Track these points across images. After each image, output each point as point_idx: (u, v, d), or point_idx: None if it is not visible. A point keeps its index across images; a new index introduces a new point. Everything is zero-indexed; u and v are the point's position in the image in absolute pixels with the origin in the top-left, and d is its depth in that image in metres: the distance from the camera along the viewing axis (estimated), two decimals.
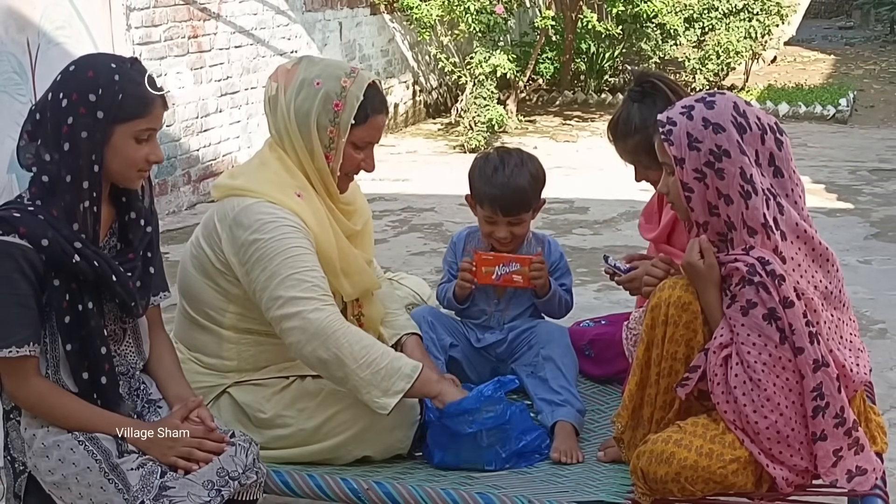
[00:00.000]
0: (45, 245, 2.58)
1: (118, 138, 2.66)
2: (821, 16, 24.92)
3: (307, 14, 9.75)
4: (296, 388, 3.26)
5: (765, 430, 2.78)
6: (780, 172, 2.84)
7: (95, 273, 2.66)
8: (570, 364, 3.59)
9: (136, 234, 2.82)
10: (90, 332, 2.69)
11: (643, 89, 3.47)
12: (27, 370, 2.65)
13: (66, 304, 2.65)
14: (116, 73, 2.65)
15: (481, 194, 3.62)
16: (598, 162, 9.59)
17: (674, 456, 2.79)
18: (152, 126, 2.71)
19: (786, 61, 17.08)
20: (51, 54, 6.42)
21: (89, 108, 2.62)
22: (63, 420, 2.69)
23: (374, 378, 3.05)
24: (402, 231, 7.46)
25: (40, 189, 2.65)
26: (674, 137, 2.83)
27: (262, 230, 3.08)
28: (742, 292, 2.78)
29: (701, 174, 2.80)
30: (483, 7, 10.13)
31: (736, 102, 2.85)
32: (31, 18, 6.27)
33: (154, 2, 7.38)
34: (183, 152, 7.84)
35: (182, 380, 2.94)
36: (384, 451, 3.23)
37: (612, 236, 7.23)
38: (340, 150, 3.19)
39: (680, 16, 12.15)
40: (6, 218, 2.60)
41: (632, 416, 3.02)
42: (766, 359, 2.76)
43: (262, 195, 3.14)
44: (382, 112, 3.27)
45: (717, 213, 2.83)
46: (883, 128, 11.65)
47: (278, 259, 3.06)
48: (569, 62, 12.97)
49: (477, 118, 10.28)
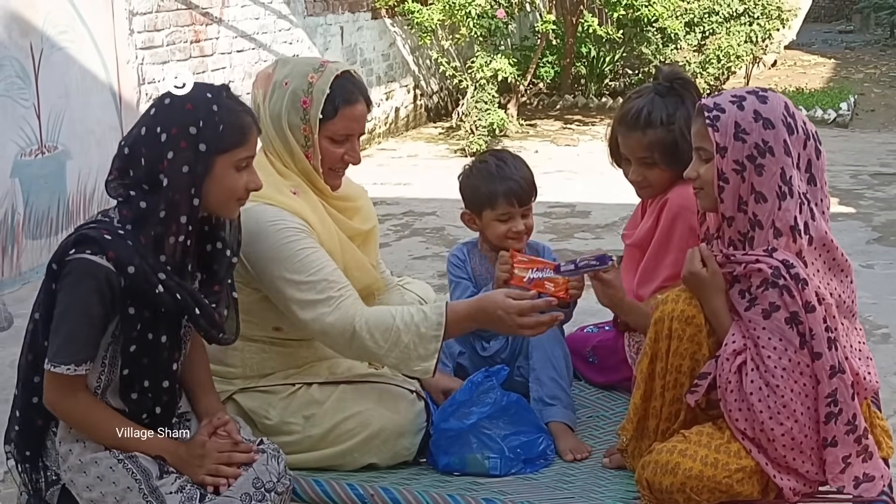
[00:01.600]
0: (131, 272, 2.56)
1: (219, 169, 2.65)
2: (821, 20, 24.93)
3: (309, 18, 9.76)
4: (302, 396, 3.25)
5: (780, 437, 2.77)
6: (814, 180, 2.83)
7: (178, 306, 2.64)
8: (560, 355, 3.55)
9: (221, 265, 2.80)
10: (156, 362, 2.68)
11: (672, 86, 3.38)
12: (76, 386, 2.63)
13: (137, 333, 2.63)
14: (214, 104, 2.64)
15: (493, 193, 3.59)
16: (598, 166, 9.57)
17: (679, 466, 2.78)
18: (251, 154, 2.72)
19: (786, 65, 17.09)
20: (54, 59, 6.43)
21: (190, 142, 2.60)
22: (97, 433, 2.68)
23: (404, 355, 3.06)
24: (403, 235, 7.46)
25: (133, 213, 2.62)
26: (720, 124, 2.78)
27: (264, 234, 3.08)
28: (764, 295, 2.75)
29: (741, 166, 2.77)
30: (484, 11, 10.14)
31: (786, 102, 2.82)
32: (34, 23, 6.28)
33: (156, 6, 7.39)
34: None
35: (213, 392, 2.94)
36: (390, 458, 3.23)
37: (614, 240, 7.23)
38: (317, 146, 3.18)
39: (681, 20, 12.16)
40: (97, 239, 2.57)
41: (636, 427, 3.02)
42: (786, 364, 2.75)
43: (259, 198, 3.12)
44: (355, 102, 3.21)
45: (745, 210, 2.79)
46: (884, 132, 11.67)
47: (288, 263, 3.06)
48: (569, 66, 12.98)
49: (478, 122, 10.29)
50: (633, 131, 3.39)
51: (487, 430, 3.21)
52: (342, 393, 3.23)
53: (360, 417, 3.18)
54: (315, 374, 3.28)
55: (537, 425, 3.33)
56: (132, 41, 7.09)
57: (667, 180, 3.41)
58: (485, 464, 3.19)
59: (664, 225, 3.38)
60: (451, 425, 3.20)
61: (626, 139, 3.41)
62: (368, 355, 3.13)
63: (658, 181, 3.42)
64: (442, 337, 3.06)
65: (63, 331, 2.59)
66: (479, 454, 3.20)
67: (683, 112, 3.32)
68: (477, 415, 3.21)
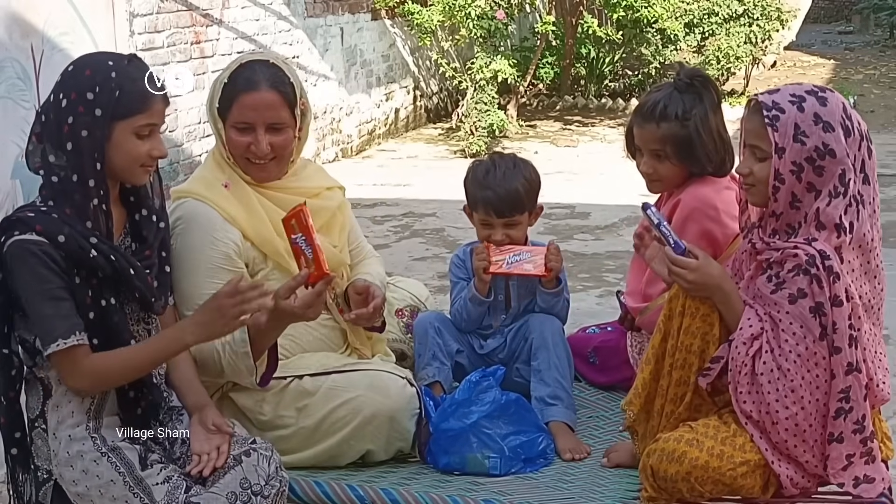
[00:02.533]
0: (62, 241, 2.59)
1: (118, 135, 2.67)
2: (820, 20, 24.93)
3: (309, 20, 9.77)
4: (294, 388, 3.26)
5: (783, 421, 2.78)
6: (867, 180, 2.83)
7: (113, 268, 2.67)
8: (564, 353, 3.58)
9: (150, 230, 2.84)
10: (115, 326, 2.70)
11: (692, 82, 3.38)
12: (77, 357, 2.64)
13: (90, 299, 2.66)
14: (113, 71, 2.67)
15: (475, 198, 3.62)
16: (598, 167, 9.61)
17: (685, 455, 2.80)
18: (152, 122, 2.72)
19: (786, 66, 17.10)
20: (55, 60, 6.43)
21: (87, 107, 2.64)
22: (126, 376, 2.72)
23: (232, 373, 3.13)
24: (403, 236, 7.47)
25: (50, 190, 2.67)
26: (780, 124, 2.77)
27: (181, 233, 3.15)
28: (794, 280, 2.76)
29: (798, 167, 2.77)
30: (484, 13, 10.15)
31: (844, 104, 2.83)
32: (35, 24, 6.28)
33: (157, 8, 7.40)
34: (185, 157, 7.85)
35: (199, 387, 2.96)
36: (386, 444, 3.24)
37: (614, 241, 7.24)
38: (222, 136, 3.24)
39: (680, 21, 12.16)
40: (21, 219, 2.62)
41: (644, 405, 3.02)
42: (802, 351, 2.76)
43: (191, 194, 3.23)
44: (253, 90, 3.18)
45: (799, 207, 2.80)
46: (883, 132, 11.66)
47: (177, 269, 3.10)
48: (569, 67, 12.99)
49: (478, 123, 10.30)
50: (648, 122, 3.40)
51: (487, 430, 3.22)
52: (333, 382, 3.25)
53: (352, 404, 3.20)
54: (305, 366, 3.29)
55: (537, 425, 3.34)
56: (133, 42, 7.09)
57: (676, 175, 3.42)
58: (485, 463, 3.21)
59: (675, 226, 3.39)
60: (450, 425, 3.21)
61: (641, 130, 3.43)
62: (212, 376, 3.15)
63: (668, 175, 3.43)
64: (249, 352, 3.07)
65: (34, 316, 2.63)
66: (479, 454, 3.21)
67: (700, 110, 3.35)
68: (477, 414, 3.22)
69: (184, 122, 7.80)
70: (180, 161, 7.81)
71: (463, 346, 3.72)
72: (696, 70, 3.48)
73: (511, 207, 3.56)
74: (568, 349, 3.62)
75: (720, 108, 3.43)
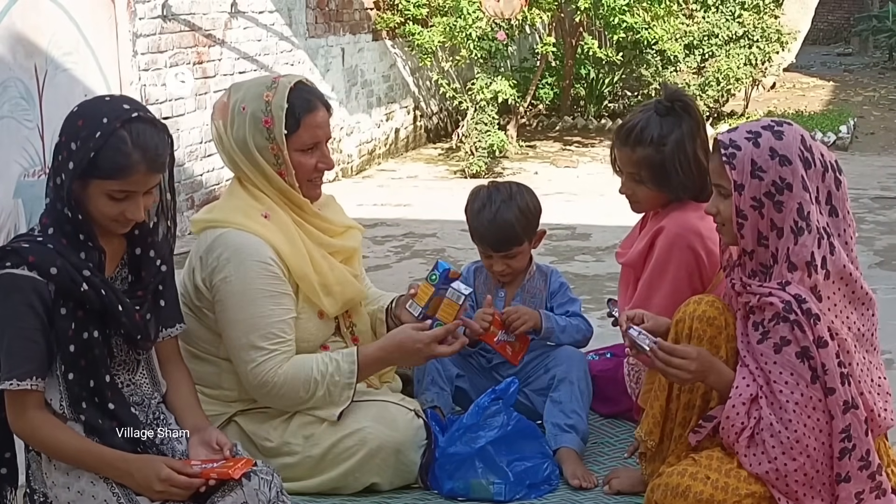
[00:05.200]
0: (54, 273, 2.61)
1: (93, 190, 2.66)
2: (819, 42, 24.98)
3: (310, 40, 9.79)
4: (301, 416, 3.27)
5: (793, 473, 2.77)
6: (835, 211, 2.82)
7: (102, 303, 2.68)
8: (585, 389, 3.59)
9: (149, 270, 2.82)
10: (94, 360, 2.70)
11: (672, 106, 3.37)
12: (26, 403, 2.66)
13: (72, 332, 2.66)
14: (100, 130, 2.61)
15: (473, 231, 3.67)
16: (598, 188, 9.60)
17: (689, 489, 2.79)
18: (128, 189, 2.66)
19: (785, 87, 17.12)
20: (58, 80, 6.45)
21: (66, 156, 2.64)
22: (55, 453, 2.70)
23: (321, 401, 3.20)
24: (404, 257, 7.46)
25: (50, 218, 2.68)
26: (736, 162, 2.78)
27: (228, 264, 3.14)
28: (776, 329, 2.76)
29: (759, 203, 2.77)
30: (485, 33, 10.17)
31: (803, 135, 2.81)
32: (38, 44, 6.30)
33: (160, 28, 7.42)
34: (186, 177, 7.86)
35: (198, 411, 2.95)
36: (392, 476, 3.24)
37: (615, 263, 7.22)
38: (288, 162, 3.22)
39: (680, 42, 12.18)
40: (16, 249, 2.63)
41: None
42: (798, 398, 2.74)
43: (229, 224, 3.19)
44: (315, 110, 3.25)
45: (766, 245, 2.80)
46: (884, 155, 11.66)
47: (236, 299, 3.14)
48: (569, 88, 13.01)
49: (478, 143, 10.31)
50: (624, 146, 3.41)
51: (492, 455, 3.22)
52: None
53: (358, 435, 3.20)
54: None
55: (542, 451, 3.34)
56: (136, 62, 7.11)
57: (655, 198, 3.40)
58: (489, 489, 3.20)
59: (660, 254, 3.36)
60: (457, 449, 3.21)
61: (619, 152, 3.44)
62: (283, 405, 3.23)
63: (645, 198, 3.42)
64: (355, 383, 3.20)
65: (2, 349, 2.63)
66: (484, 479, 3.21)
67: (677, 134, 3.32)
68: (484, 439, 3.21)
69: (185, 141, 7.80)
70: (181, 181, 7.81)
71: (464, 370, 3.72)
72: (678, 93, 3.45)
73: (507, 243, 3.58)
74: (590, 386, 3.62)
75: (701, 133, 3.39)
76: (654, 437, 3.02)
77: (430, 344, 3.20)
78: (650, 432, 3.02)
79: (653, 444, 3.02)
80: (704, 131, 3.42)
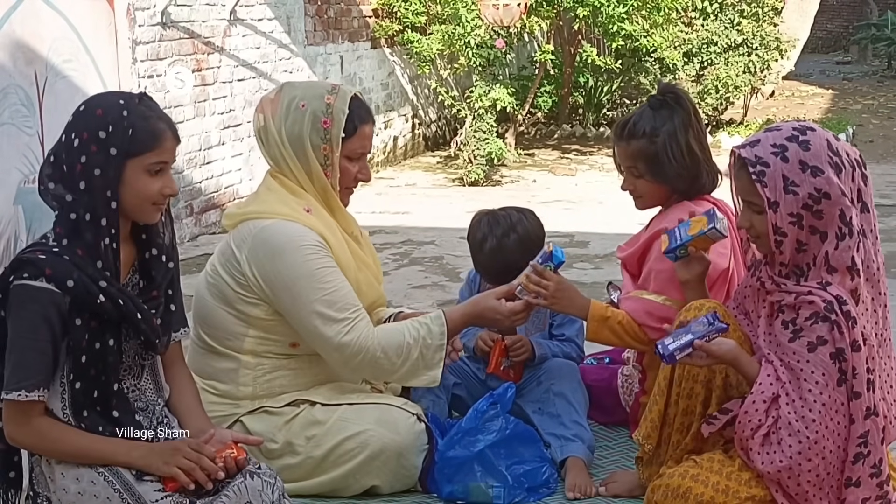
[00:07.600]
0: (71, 286, 2.61)
1: (130, 173, 2.68)
2: (818, 51, 25.01)
3: (309, 48, 9.81)
4: (304, 416, 3.29)
5: (806, 473, 2.75)
6: (866, 208, 2.81)
7: (120, 312, 2.68)
8: (581, 400, 3.60)
9: (159, 270, 2.84)
10: (105, 368, 2.70)
11: (665, 99, 3.41)
12: (31, 413, 2.66)
13: (86, 343, 2.67)
14: (125, 109, 2.68)
15: (474, 262, 3.71)
16: (597, 195, 9.62)
17: (690, 491, 2.79)
18: (163, 159, 2.74)
19: (784, 96, 17.15)
20: (58, 87, 6.46)
21: (100, 146, 2.65)
22: (66, 453, 2.70)
23: (413, 368, 3.23)
24: (402, 264, 7.47)
25: (65, 228, 2.67)
26: (767, 179, 2.73)
27: (285, 250, 3.17)
28: (813, 328, 2.73)
29: (797, 217, 2.73)
30: (483, 41, 10.19)
31: (828, 140, 2.78)
32: (38, 51, 6.31)
33: (159, 35, 7.43)
34: (186, 184, 7.87)
35: (202, 414, 2.96)
36: (392, 479, 3.25)
37: (614, 270, 7.24)
38: (336, 164, 3.28)
39: (679, 50, 12.20)
40: (32, 261, 2.62)
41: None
42: (826, 399, 2.72)
43: (275, 215, 3.23)
44: (369, 122, 3.37)
45: (806, 250, 2.76)
46: (882, 163, 11.68)
47: (311, 280, 3.16)
48: (567, 96, 13.02)
49: (476, 151, 10.32)
50: (620, 140, 3.46)
51: (491, 459, 3.22)
52: (343, 413, 3.27)
53: (360, 438, 3.22)
54: (319, 395, 3.31)
55: (541, 454, 3.34)
56: (135, 70, 7.12)
57: (656, 192, 3.43)
58: (488, 492, 3.21)
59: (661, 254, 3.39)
60: (456, 453, 3.22)
61: (617, 148, 3.49)
62: (378, 373, 3.27)
63: (646, 192, 3.45)
64: (446, 345, 3.24)
65: (13, 359, 2.64)
66: (483, 483, 3.21)
67: (670, 126, 3.36)
68: (483, 443, 3.22)
69: (184, 148, 7.81)
70: (181, 188, 7.83)
71: (461, 378, 3.73)
72: (670, 86, 3.50)
73: (509, 275, 3.58)
74: (586, 396, 3.64)
75: (695, 124, 3.41)
76: (652, 440, 3.02)
77: (510, 316, 3.32)
78: (648, 436, 3.03)
79: (650, 447, 3.03)
80: (698, 120, 3.44)
